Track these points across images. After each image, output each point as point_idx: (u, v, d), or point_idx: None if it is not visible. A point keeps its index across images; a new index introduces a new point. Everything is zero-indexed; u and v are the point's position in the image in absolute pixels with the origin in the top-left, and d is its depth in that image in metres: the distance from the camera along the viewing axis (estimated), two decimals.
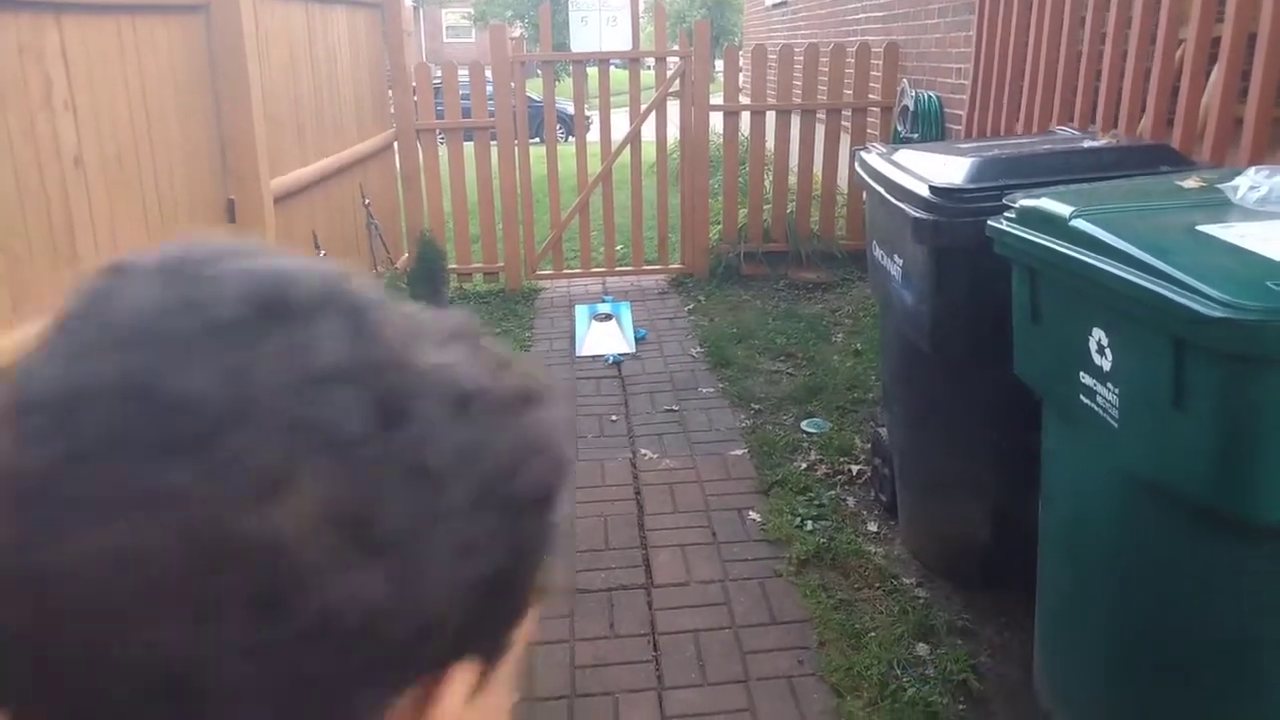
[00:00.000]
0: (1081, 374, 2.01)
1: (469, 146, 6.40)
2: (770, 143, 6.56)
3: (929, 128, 5.62)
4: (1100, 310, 1.87)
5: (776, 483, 3.74)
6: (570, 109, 7.51)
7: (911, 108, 5.76)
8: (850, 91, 6.50)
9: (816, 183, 6.67)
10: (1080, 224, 1.92)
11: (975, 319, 2.65)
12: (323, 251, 3.85)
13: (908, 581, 3.08)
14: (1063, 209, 2.02)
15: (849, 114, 6.55)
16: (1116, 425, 1.84)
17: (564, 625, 2.94)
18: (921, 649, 2.76)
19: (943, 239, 2.57)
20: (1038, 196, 2.15)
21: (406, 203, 6.40)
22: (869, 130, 6.56)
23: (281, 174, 3.80)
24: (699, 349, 5.32)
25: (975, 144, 3.10)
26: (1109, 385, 1.86)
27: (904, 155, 3.00)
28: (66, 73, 2.46)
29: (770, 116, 6.57)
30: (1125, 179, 2.45)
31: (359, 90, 5.38)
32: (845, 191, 6.74)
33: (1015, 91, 4.54)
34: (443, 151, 6.38)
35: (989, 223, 2.29)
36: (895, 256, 2.95)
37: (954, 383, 2.84)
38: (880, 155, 3.13)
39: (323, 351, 0.36)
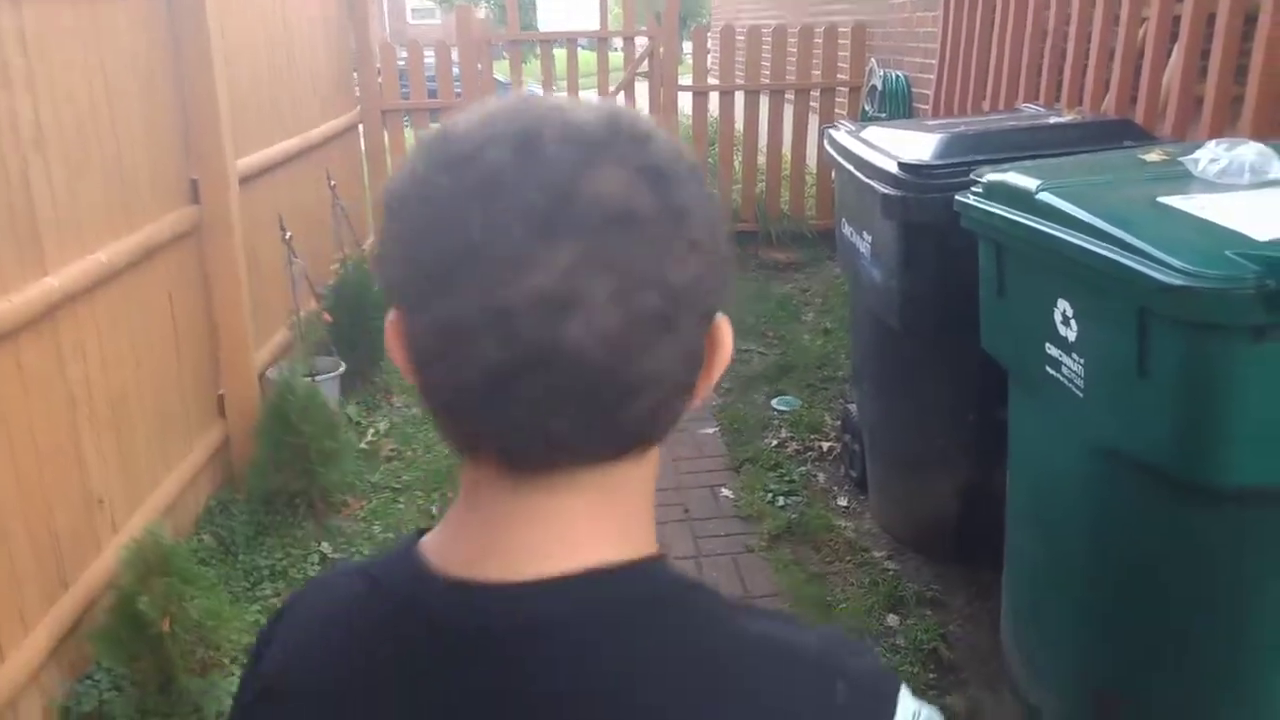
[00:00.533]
0: (1047, 345, 2.04)
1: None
2: (739, 123, 6.56)
3: (896, 107, 5.65)
4: (1065, 281, 1.90)
5: (748, 460, 3.77)
6: (538, 91, 7.44)
7: (880, 87, 5.79)
8: (819, 72, 6.52)
9: (785, 163, 6.69)
10: (1045, 197, 1.95)
11: (944, 294, 2.67)
12: (289, 234, 3.81)
13: (878, 555, 3.12)
14: (1029, 183, 2.05)
15: (817, 94, 6.57)
16: (1082, 395, 1.87)
17: None
18: (892, 619, 2.80)
19: (911, 215, 2.60)
20: (1004, 171, 2.17)
21: (372, 185, 6.33)
22: (837, 110, 6.58)
23: (245, 155, 3.74)
24: None
25: (943, 122, 3.13)
26: (1074, 356, 1.89)
27: (872, 133, 3.02)
28: (25, 53, 2.41)
29: (739, 97, 6.57)
30: (1090, 154, 2.48)
31: (323, 70, 5.31)
32: (814, 171, 6.76)
33: (982, 70, 4.58)
34: (408, 134, 6.32)
35: (956, 197, 2.31)
36: (864, 233, 2.97)
37: (923, 358, 2.87)
38: (849, 133, 3.14)
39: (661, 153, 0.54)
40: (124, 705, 2.39)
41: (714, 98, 6.71)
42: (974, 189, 2.26)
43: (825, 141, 3.33)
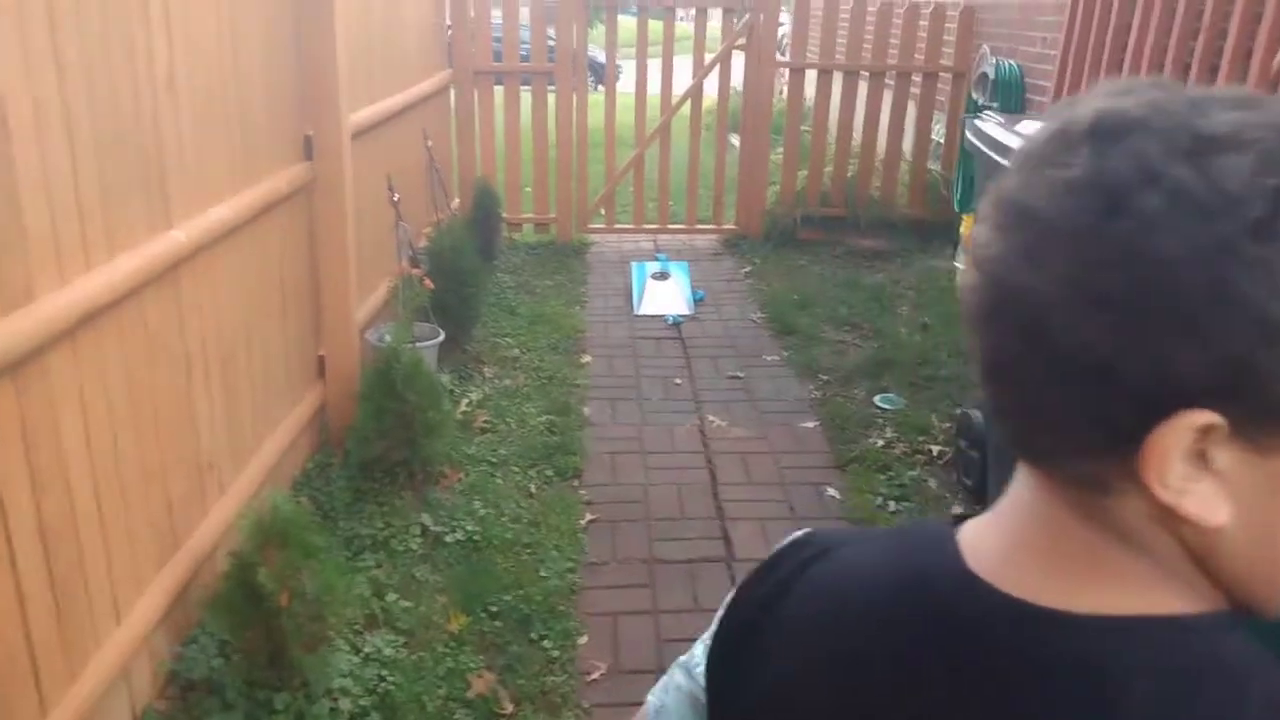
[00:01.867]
0: None
1: (524, 93, 6.21)
2: (835, 105, 6.35)
3: (1009, 97, 5.41)
4: None
5: (854, 459, 3.62)
6: (601, 58, 7.21)
7: (991, 75, 5.54)
8: (921, 56, 6.28)
9: (879, 149, 6.47)
10: None
11: None
12: (396, 196, 3.71)
13: None
14: None
15: (919, 79, 6.34)
16: None
17: (646, 595, 2.85)
18: None
19: None
20: None
21: (460, 148, 6.23)
22: (938, 98, 6.35)
23: (354, 111, 3.64)
24: (759, 314, 5.18)
25: None
26: None
27: (1030, 126, 2.83)
28: None
29: (837, 77, 6.35)
30: None
31: (421, 27, 5.19)
32: (909, 159, 6.54)
33: (1114, 63, 4.33)
34: (499, 96, 6.20)
35: None
36: None
37: None
38: (1000, 125, 2.96)
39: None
40: (233, 675, 2.32)
41: (810, 76, 6.50)
42: None
43: (968, 131, 3.15)
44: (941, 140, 6.49)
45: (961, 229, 4.76)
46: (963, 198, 5.33)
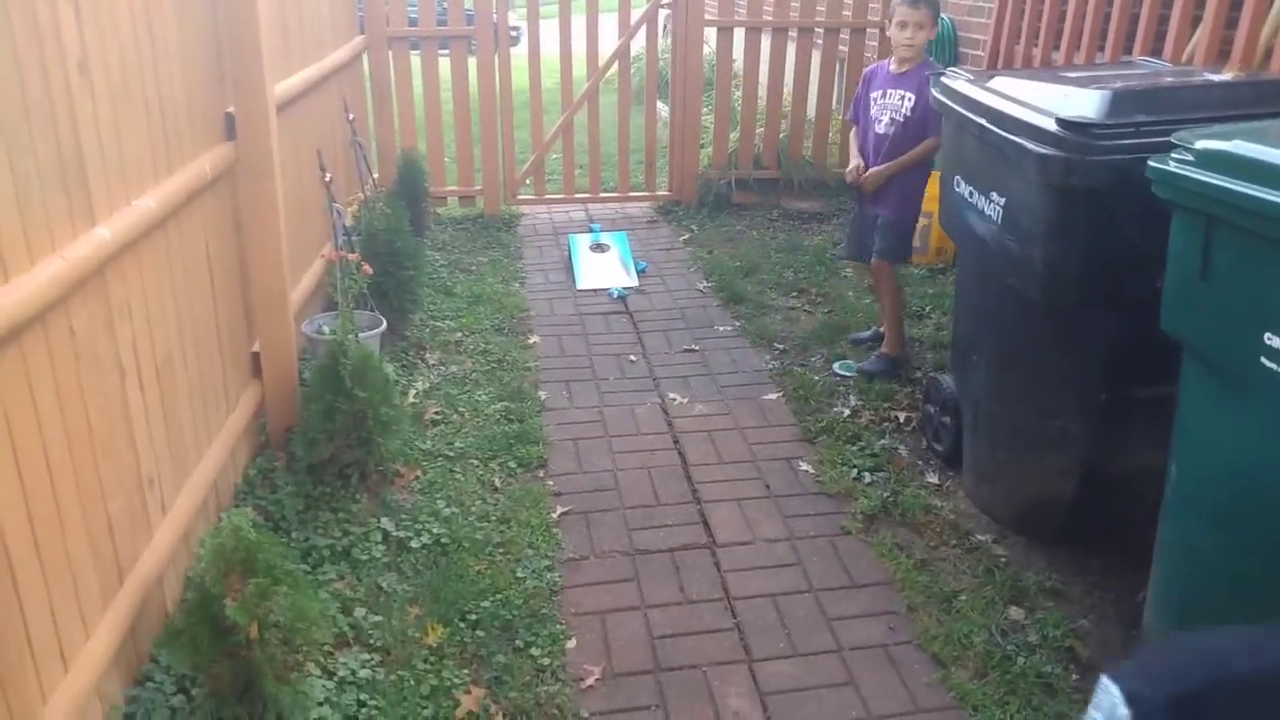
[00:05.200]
0: (1267, 335, 1.83)
1: (444, 60, 5.91)
2: (765, 64, 6.22)
3: (942, 53, 5.36)
4: None
5: (822, 430, 3.55)
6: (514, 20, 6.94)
7: None
8: (849, 13, 6.19)
9: (810, 109, 6.38)
10: None
11: (1098, 265, 2.45)
12: (329, 175, 3.44)
13: (983, 539, 2.94)
14: (1263, 152, 1.81)
15: (846, 35, 6.25)
16: None
17: (631, 590, 2.73)
18: (1015, 612, 2.62)
19: (1072, 178, 2.35)
20: (1223, 137, 1.93)
21: (377, 119, 5.91)
22: (866, 55, 6.28)
23: (277, 81, 3.35)
24: (705, 283, 5.06)
25: (1085, 74, 2.87)
26: None
27: (1004, 83, 2.75)
28: None
29: (766, 35, 6.22)
30: None
31: None
32: (840, 117, 6.46)
33: (1054, 17, 4.31)
34: (415, 62, 5.88)
35: (1151, 163, 2.07)
36: (992, 194, 2.72)
37: (1057, 331, 2.66)
38: (972, 82, 2.87)
39: None
40: (198, 715, 2.12)
41: (739, 34, 6.35)
42: (1176, 155, 2.02)
43: (937, 90, 3.06)
44: None
45: None
46: None
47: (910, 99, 3.75)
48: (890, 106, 3.82)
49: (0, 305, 1.69)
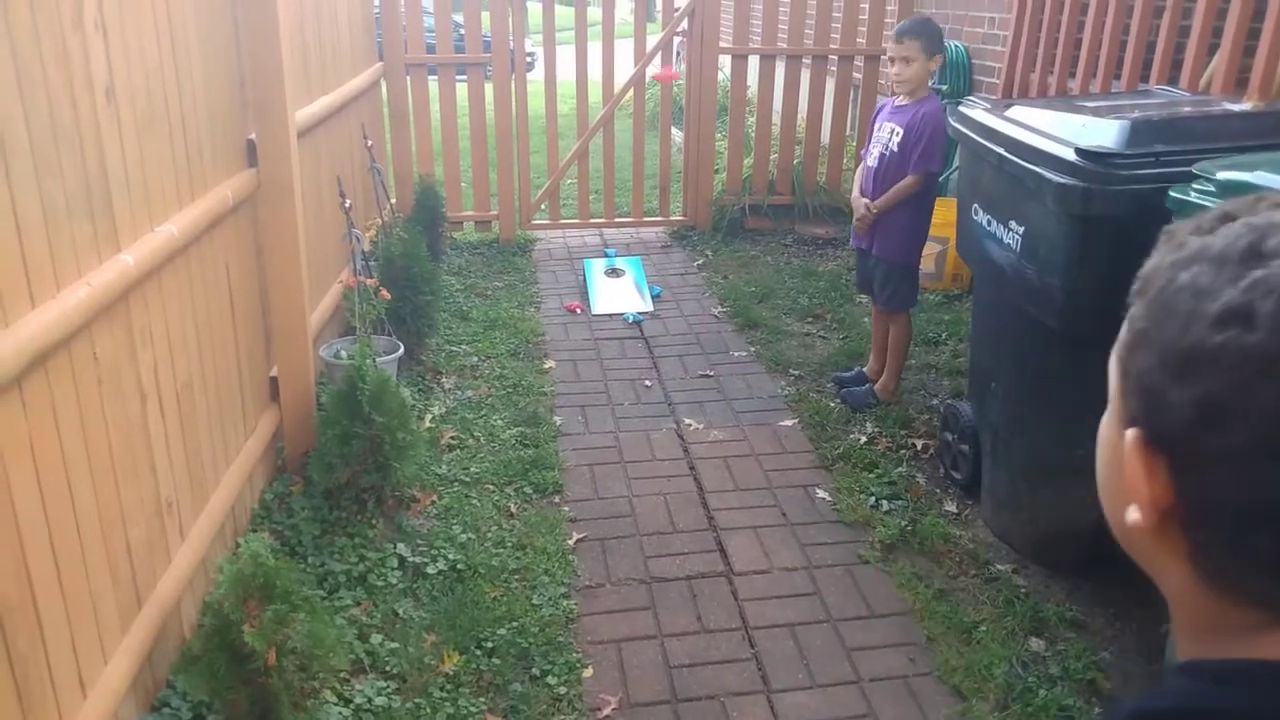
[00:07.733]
0: None
1: (461, 86, 5.96)
2: (779, 90, 6.26)
3: (957, 80, 5.38)
4: None
5: (839, 457, 3.53)
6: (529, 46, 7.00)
7: None
8: (864, 40, 6.22)
9: (825, 135, 6.40)
10: None
11: (1118, 294, 2.43)
12: (348, 201, 3.46)
13: (1002, 568, 2.91)
14: None
15: (860, 62, 6.28)
16: None
17: (648, 618, 2.71)
18: (1036, 644, 2.60)
19: (1092, 207, 2.35)
20: (1245, 168, 1.93)
21: (395, 144, 5.95)
22: (881, 81, 6.30)
23: (298, 108, 3.39)
24: (720, 308, 5.06)
25: (1103, 103, 2.87)
26: None
27: (1022, 112, 2.76)
28: None
29: (780, 62, 6.25)
30: None
31: (351, 17, 4.91)
32: (856, 143, 6.48)
33: (1070, 45, 4.32)
34: (433, 88, 5.93)
35: (1171, 193, 2.07)
36: (1011, 223, 2.72)
37: (1078, 361, 2.64)
38: (989, 111, 2.88)
39: None
40: None
41: (753, 62, 6.39)
42: (1198, 185, 2.02)
43: (954, 119, 3.06)
44: None
45: None
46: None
47: (899, 134, 3.67)
48: (881, 140, 3.77)
49: (28, 332, 1.70)
